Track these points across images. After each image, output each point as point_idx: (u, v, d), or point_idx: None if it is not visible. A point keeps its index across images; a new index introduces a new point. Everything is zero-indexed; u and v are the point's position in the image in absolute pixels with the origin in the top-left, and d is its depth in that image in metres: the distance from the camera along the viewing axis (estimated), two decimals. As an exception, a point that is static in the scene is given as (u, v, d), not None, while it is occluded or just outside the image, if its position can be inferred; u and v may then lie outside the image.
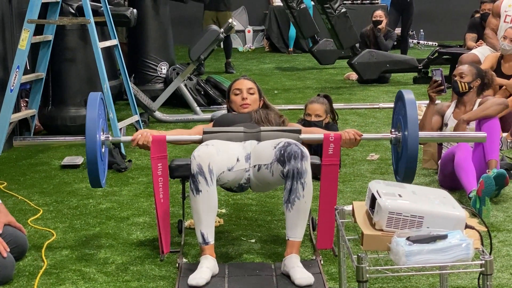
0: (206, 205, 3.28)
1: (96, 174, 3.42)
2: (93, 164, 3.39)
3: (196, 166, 3.29)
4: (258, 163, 3.45)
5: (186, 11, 12.29)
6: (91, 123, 3.38)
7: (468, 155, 4.39)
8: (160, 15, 7.87)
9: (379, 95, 8.36)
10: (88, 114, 3.40)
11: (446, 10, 14.20)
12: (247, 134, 3.58)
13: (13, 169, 5.37)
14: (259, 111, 3.83)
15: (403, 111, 3.45)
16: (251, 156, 3.49)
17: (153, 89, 7.64)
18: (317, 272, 3.27)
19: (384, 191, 2.54)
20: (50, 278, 3.37)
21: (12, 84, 5.76)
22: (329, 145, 3.49)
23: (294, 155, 3.30)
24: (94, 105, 3.43)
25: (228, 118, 3.80)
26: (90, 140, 3.36)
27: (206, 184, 3.28)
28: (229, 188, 3.62)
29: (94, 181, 3.48)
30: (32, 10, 5.80)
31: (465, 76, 4.79)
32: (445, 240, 2.34)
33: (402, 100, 3.47)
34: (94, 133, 3.38)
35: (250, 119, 3.75)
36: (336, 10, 8.73)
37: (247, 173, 3.49)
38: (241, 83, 3.90)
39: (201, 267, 3.24)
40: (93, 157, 3.37)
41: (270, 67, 11.23)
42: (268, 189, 3.75)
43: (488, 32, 7.37)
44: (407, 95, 3.46)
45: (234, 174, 3.45)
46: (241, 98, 3.84)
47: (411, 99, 3.43)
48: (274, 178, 3.40)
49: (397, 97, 3.61)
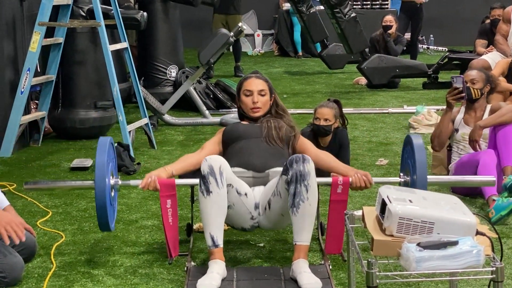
0: (216, 206, 3.27)
1: (106, 219, 3.42)
2: (103, 209, 3.38)
3: (207, 167, 3.29)
4: (267, 200, 3.45)
5: (195, 14, 12.30)
6: (100, 168, 3.37)
7: (494, 160, 4.37)
8: (170, 18, 7.89)
9: (389, 100, 8.35)
10: (98, 159, 3.40)
11: (456, 16, 14.18)
12: (256, 179, 3.56)
13: (23, 171, 5.39)
14: (270, 122, 3.72)
15: (412, 155, 3.49)
16: (259, 205, 3.49)
17: (163, 92, 7.66)
18: (326, 277, 3.25)
19: (395, 196, 2.53)
20: (59, 280, 3.38)
21: (23, 86, 5.79)
22: (338, 187, 3.51)
23: (295, 159, 3.32)
24: (104, 150, 3.42)
25: (238, 130, 3.73)
26: (99, 186, 3.35)
27: (216, 186, 3.27)
28: (231, 225, 3.57)
29: (103, 225, 3.48)
30: (43, 12, 5.83)
31: (476, 82, 4.77)
32: (456, 246, 2.33)
33: (411, 145, 3.51)
34: (104, 179, 3.37)
35: (260, 133, 3.68)
36: (346, 15, 8.73)
37: (252, 220, 3.50)
38: (251, 84, 3.78)
39: (211, 272, 3.21)
40: (102, 202, 3.36)
41: (279, 71, 11.23)
42: (280, 226, 3.64)
43: (499, 38, 7.36)
44: (416, 140, 3.51)
45: (240, 203, 3.42)
46: (252, 101, 3.76)
47: (419, 144, 3.47)
48: (283, 200, 3.38)
49: (405, 141, 3.66)
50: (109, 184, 3.43)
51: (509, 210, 4.00)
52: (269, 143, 3.65)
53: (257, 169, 3.56)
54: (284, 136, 3.70)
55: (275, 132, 3.68)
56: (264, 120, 3.75)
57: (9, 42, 5.96)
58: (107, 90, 6.22)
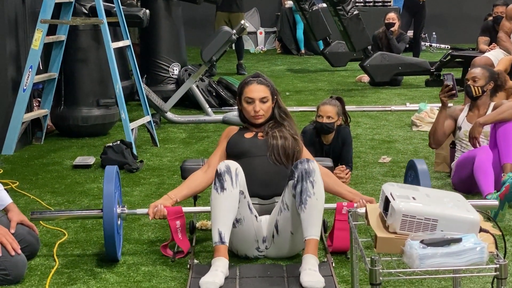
0: (228, 204, 3.28)
1: (113, 248, 3.43)
2: (111, 238, 3.40)
3: (224, 165, 3.32)
4: (274, 223, 3.44)
5: (198, 12, 12.31)
6: (108, 198, 3.39)
7: (490, 158, 4.36)
8: (173, 16, 7.89)
9: (391, 98, 8.34)
10: (105, 189, 3.42)
11: (459, 13, 14.16)
12: (262, 206, 3.54)
13: (25, 169, 5.39)
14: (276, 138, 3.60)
15: (416, 182, 3.49)
16: (267, 239, 3.48)
17: (165, 90, 7.66)
18: (329, 275, 3.25)
19: (398, 193, 2.53)
20: (62, 278, 3.38)
21: (25, 84, 5.79)
22: (342, 209, 3.55)
23: (300, 161, 3.35)
24: (111, 179, 3.44)
25: (242, 146, 3.64)
26: (107, 215, 3.37)
27: (231, 184, 3.28)
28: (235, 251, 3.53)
29: (111, 254, 3.48)
30: (45, 10, 5.83)
31: (478, 80, 4.76)
32: (459, 243, 2.33)
33: (415, 171, 3.54)
34: (112, 208, 3.39)
35: (265, 150, 3.58)
36: (349, 12, 8.71)
37: (257, 252, 3.50)
38: (253, 91, 3.65)
39: (216, 270, 3.19)
40: (110, 231, 3.38)
41: (282, 69, 11.22)
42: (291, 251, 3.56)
43: (502, 35, 7.33)
44: (420, 165, 3.53)
45: (249, 223, 3.41)
46: (253, 109, 3.65)
47: (424, 170, 3.50)
48: (291, 213, 3.37)
49: (408, 165, 3.67)
50: (116, 212, 3.45)
51: (499, 204, 4.00)
52: (274, 163, 3.58)
53: (263, 197, 3.56)
54: (290, 152, 3.61)
55: (282, 150, 3.60)
56: (269, 132, 3.65)
57: (11, 39, 5.96)
58: (109, 88, 6.22)
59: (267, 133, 3.66)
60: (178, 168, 4.49)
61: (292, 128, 3.71)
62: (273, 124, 3.71)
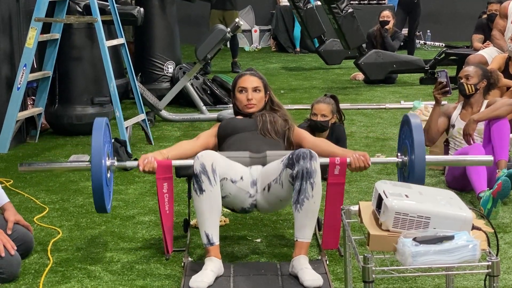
0: (210, 205, 3.27)
1: (102, 200, 3.40)
2: (99, 190, 3.36)
3: (199, 165, 3.28)
4: (267, 182, 3.44)
5: (193, 10, 12.30)
6: (96, 149, 3.34)
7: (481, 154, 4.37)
8: (167, 14, 7.88)
9: (386, 96, 8.35)
10: (94, 140, 3.36)
11: (453, 11, 14.17)
12: (253, 159, 3.55)
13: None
14: (265, 115, 3.73)
15: (409, 135, 3.46)
16: (258, 182, 3.47)
17: (160, 88, 7.66)
18: (323, 272, 3.26)
19: (391, 191, 2.54)
20: (56, 276, 3.38)
21: (19, 82, 5.78)
22: (335, 167, 3.47)
23: (303, 156, 3.30)
24: (100, 130, 3.40)
25: (234, 124, 3.74)
26: (95, 166, 3.33)
27: (209, 184, 3.26)
28: (231, 208, 3.56)
29: (100, 207, 3.45)
30: (39, 8, 5.82)
31: (471, 78, 4.78)
32: (452, 241, 2.34)
33: (408, 125, 3.49)
34: (100, 159, 3.35)
35: (255, 126, 3.68)
36: (343, 10, 8.71)
37: (251, 198, 3.47)
38: (246, 80, 3.77)
39: (205, 269, 3.21)
40: (98, 183, 3.35)
41: (277, 66, 11.23)
42: (277, 208, 3.66)
43: (495, 33, 7.35)
44: (413, 119, 3.49)
45: (236, 190, 3.41)
46: (246, 98, 3.74)
47: (417, 124, 3.45)
48: (284, 190, 3.39)
49: (403, 121, 3.63)
50: (105, 165, 3.41)
51: (491, 202, 4.02)
52: (264, 136, 3.66)
53: (253, 151, 3.57)
54: (280, 129, 3.70)
55: (270, 125, 3.68)
56: (258, 115, 3.75)
57: (5, 38, 5.95)
58: (104, 86, 6.21)
59: (256, 116, 3.75)
60: (172, 166, 4.49)
61: (283, 114, 3.80)
62: (264, 111, 3.79)
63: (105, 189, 3.39)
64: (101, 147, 3.36)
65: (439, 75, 4.74)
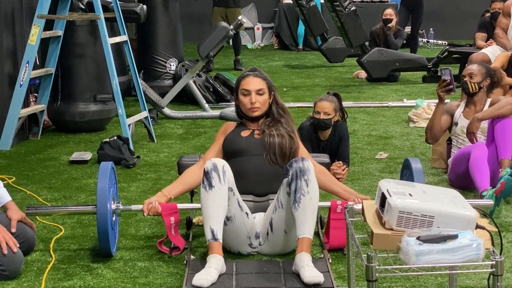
0: (218, 201, 3.28)
1: (107, 244, 3.43)
2: (104, 234, 3.39)
3: (211, 164, 3.32)
4: (269, 222, 3.44)
5: (195, 8, 12.26)
6: (102, 193, 3.38)
7: (484, 154, 4.37)
8: (170, 11, 7.87)
9: (388, 94, 8.34)
10: (99, 185, 3.41)
11: (456, 9, 14.14)
12: (257, 203, 3.55)
13: (21, 164, 5.38)
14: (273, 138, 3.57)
15: (410, 180, 3.49)
16: (260, 235, 3.48)
17: (162, 86, 7.65)
18: (326, 271, 3.25)
19: (394, 190, 2.53)
20: (58, 273, 3.38)
21: (22, 79, 5.78)
22: (337, 207, 3.53)
23: (295, 160, 3.37)
24: (105, 175, 3.43)
25: (239, 145, 3.63)
26: (101, 211, 3.36)
27: (219, 181, 3.28)
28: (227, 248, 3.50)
29: (105, 250, 3.48)
30: (42, 5, 5.81)
31: (474, 76, 4.77)
32: (456, 240, 2.33)
33: (410, 169, 3.53)
34: (105, 204, 3.38)
35: (262, 149, 3.57)
36: (346, 8, 8.70)
37: (251, 248, 3.50)
38: (249, 83, 3.66)
39: (209, 267, 3.20)
40: (104, 227, 3.37)
41: (279, 64, 11.22)
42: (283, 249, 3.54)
43: (498, 32, 7.34)
44: (415, 164, 3.53)
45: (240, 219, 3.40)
46: (250, 101, 3.65)
47: (418, 169, 3.50)
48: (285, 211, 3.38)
49: (404, 164, 3.67)
50: (110, 208, 3.44)
51: (494, 201, 4.01)
52: (270, 163, 3.58)
53: (257, 195, 3.56)
54: (287, 152, 3.60)
55: (278, 149, 3.59)
56: (265, 131, 3.63)
57: (8, 34, 5.95)
58: (106, 83, 6.21)
59: (263, 131, 3.65)
60: (175, 164, 4.48)
61: (289, 125, 3.69)
62: (269, 122, 3.69)
63: (110, 233, 3.42)
64: (106, 192, 3.40)
65: (443, 73, 4.73)
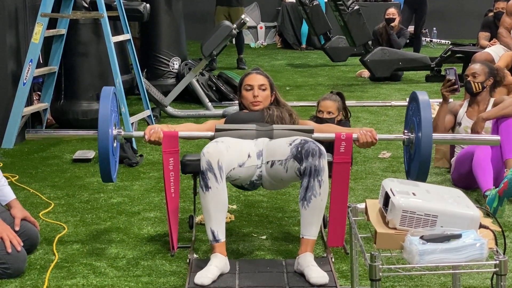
0: (216, 202, 3.27)
1: (108, 169, 3.41)
2: (105, 159, 3.38)
3: (205, 162, 3.28)
4: (272, 159, 3.42)
5: (198, 7, 12.30)
6: (103, 117, 3.36)
7: (488, 154, 4.36)
8: (173, 10, 7.87)
9: (391, 93, 8.34)
10: (101, 109, 3.38)
11: (459, 9, 14.13)
12: (259, 131, 3.56)
13: (25, 162, 5.39)
14: (272, 108, 3.76)
15: (417, 112, 3.40)
16: (263, 153, 3.47)
17: (165, 84, 7.65)
18: (328, 270, 3.24)
19: (398, 189, 2.53)
20: (61, 272, 3.38)
21: (25, 77, 5.78)
22: (341, 144, 3.41)
23: (312, 153, 3.28)
24: (107, 99, 3.42)
25: (240, 117, 3.77)
26: (102, 135, 3.35)
27: (215, 181, 3.26)
28: (240, 186, 3.60)
29: (106, 176, 3.47)
30: (45, 3, 5.81)
31: (478, 75, 4.76)
32: (459, 239, 2.33)
33: (416, 101, 3.42)
34: (107, 128, 3.37)
35: (262, 118, 3.71)
36: (349, 7, 8.70)
37: (258, 169, 3.47)
38: (252, 79, 3.82)
39: (210, 265, 3.20)
40: (105, 151, 3.36)
41: (282, 63, 11.21)
42: (280, 187, 3.70)
43: (502, 31, 7.33)
44: (421, 96, 3.41)
45: (245, 170, 3.43)
46: (252, 95, 3.77)
47: (425, 100, 3.38)
48: (288, 175, 3.39)
49: (410, 97, 3.55)
50: (112, 133, 3.42)
51: (497, 200, 4.01)
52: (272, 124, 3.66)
53: (260, 125, 3.59)
54: (286, 121, 3.71)
55: (277, 118, 3.69)
56: (265, 108, 3.77)
57: (11, 33, 5.95)
58: (109, 82, 6.20)
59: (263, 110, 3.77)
60: (178, 163, 4.49)
61: (290, 110, 3.82)
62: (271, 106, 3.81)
63: (111, 158, 3.41)
64: (109, 116, 3.37)
65: (447, 72, 4.72)
